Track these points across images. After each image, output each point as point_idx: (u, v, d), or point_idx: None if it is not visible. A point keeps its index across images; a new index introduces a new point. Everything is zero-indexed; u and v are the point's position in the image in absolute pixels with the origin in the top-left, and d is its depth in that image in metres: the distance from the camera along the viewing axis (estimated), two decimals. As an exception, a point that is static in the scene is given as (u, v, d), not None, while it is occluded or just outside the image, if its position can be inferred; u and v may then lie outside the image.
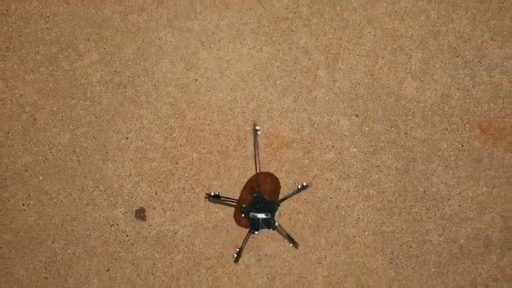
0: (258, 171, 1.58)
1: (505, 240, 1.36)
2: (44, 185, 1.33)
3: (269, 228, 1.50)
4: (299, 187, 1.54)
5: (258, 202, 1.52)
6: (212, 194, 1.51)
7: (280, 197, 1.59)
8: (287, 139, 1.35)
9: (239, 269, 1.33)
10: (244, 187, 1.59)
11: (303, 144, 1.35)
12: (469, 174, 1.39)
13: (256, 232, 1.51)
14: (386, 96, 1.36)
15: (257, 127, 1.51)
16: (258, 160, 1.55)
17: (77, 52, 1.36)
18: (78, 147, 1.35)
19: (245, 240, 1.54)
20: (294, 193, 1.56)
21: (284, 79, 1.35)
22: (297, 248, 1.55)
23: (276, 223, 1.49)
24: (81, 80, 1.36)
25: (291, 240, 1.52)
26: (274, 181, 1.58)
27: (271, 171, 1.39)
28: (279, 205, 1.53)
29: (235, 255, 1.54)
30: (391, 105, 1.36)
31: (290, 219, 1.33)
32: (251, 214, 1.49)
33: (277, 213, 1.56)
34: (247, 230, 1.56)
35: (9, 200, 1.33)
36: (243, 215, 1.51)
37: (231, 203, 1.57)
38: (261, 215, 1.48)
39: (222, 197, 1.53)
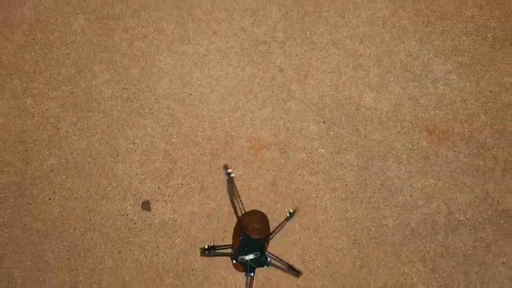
0: (240, 214, 1.51)
1: (448, 224, 1.53)
2: (66, 183, 1.52)
3: (262, 266, 1.43)
4: (288, 215, 1.49)
5: (245, 244, 1.44)
6: (206, 247, 1.47)
7: (271, 229, 1.51)
8: (266, 142, 1.53)
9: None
10: (233, 233, 1.54)
11: (279, 146, 1.53)
12: (418, 169, 1.54)
13: (252, 274, 1.45)
14: (348, 105, 1.54)
15: (229, 171, 1.52)
16: (240, 202, 1.53)
17: (92, 73, 1.54)
18: (93, 151, 1.53)
19: (248, 286, 1.45)
20: (282, 225, 1.50)
21: (263, 93, 1.54)
22: (298, 277, 1.51)
23: (269, 259, 1.42)
24: (96, 96, 1.54)
25: (291, 269, 1.48)
26: (261, 217, 1.54)
27: (253, 170, 1.51)
28: (268, 241, 1.45)
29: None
30: (352, 113, 1.54)
31: (269, 208, 1.50)
32: (239, 258, 1.41)
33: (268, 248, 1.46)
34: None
35: (38, 196, 1.52)
36: (233, 261, 1.44)
37: (225, 251, 1.48)
38: (249, 257, 1.41)
39: (216, 246, 1.48)
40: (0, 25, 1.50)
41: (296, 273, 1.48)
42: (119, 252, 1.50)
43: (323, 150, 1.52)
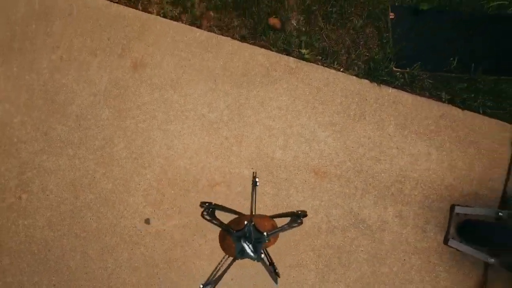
0: (253, 213, 1.69)
1: (328, 228, 2.35)
2: (100, 209, 2.36)
3: (253, 259, 1.38)
4: (296, 215, 1.40)
5: (248, 230, 1.39)
6: (207, 204, 1.39)
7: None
8: (218, 181, 2.34)
9: (207, 240, 2.51)
10: (235, 220, 1.54)
11: (226, 183, 2.33)
12: (309, 195, 2.30)
13: (240, 259, 1.41)
14: (266, 158, 2.36)
15: (257, 179, 1.86)
16: (254, 203, 1.78)
17: (113, 143, 2.34)
18: (115, 190, 2.33)
19: (228, 267, 1.44)
20: (286, 227, 1.41)
21: (216, 152, 2.36)
22: (275, 282, 1.47)
23: (263, 255, 1.41)
24: (116, 157, 2.33)
25: (273, 273, 1.44)
26: (267, 221, 1.55)
27: (210, 198, 2.44)
28: (268, 237, 1.41)
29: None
30: (269, 162, 2.36)
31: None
32: (241, 240, 1.34)
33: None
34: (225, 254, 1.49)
35: (83, 217, 2.42)
36: (230, 234, 1.38)
37: (221, 225, 1.41)
38: (248, 249, 1.35)
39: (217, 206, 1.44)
40: (59, 116, 2.48)
41: (275, 278, 1.47)
42: (132, 249, 2.30)
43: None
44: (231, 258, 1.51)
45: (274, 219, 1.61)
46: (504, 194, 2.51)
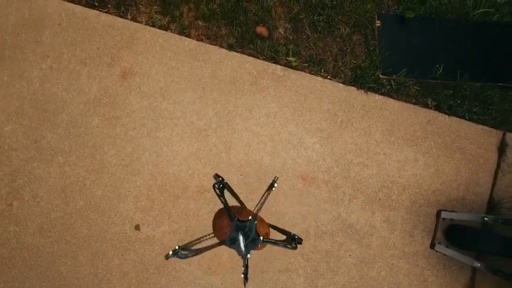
0: (256, 211, 1.50)
1: (316, 233, 2.39)
2: (90, 215, 2.44)
3: (238, 252, 1.38)
4: (292, 238, 1.40)
5: (237, 228, 1.39)
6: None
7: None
8: (207, 187, 2.38)
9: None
10: (216, 227, 1.51)
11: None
12: (297, 201, 2.35)
13: (249, 256, 1.39)
14: (254, 164, 2.41)
15: (276, 184, 1.66)
16: (262, 201, 1.59)
17: (103, 151, 2.44)
18: (105, 196, 2.40)
19: (211, 247, 1.41)
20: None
21: (205, 159, 2.42)
22: (244, 284, 1.41)
23: (249, 255, 1.40)
24: (106, 164, 2.41)
25: (245, 275, 1.39)
26: (265, 227, 1.55)
27: (199, 204, 2.45)
28: (262, 243, 1.42)
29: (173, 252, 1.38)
30: (257, 169, 2.42)
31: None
32: (241, 244, 1.32)
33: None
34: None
35: (73, 223, 2.46)
36: (231, 223, 1.38)
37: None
38: (242, 242, 1.33)
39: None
40: (50, 124, 2.52)
41: (245, 281, 1.41)
42: (122, 255, 2.35)
43: (240, 191, 2.28)
44: (215, 239, 1.51)
45: (270, 229, 1.62)
46: (491, 199, 2.54)
